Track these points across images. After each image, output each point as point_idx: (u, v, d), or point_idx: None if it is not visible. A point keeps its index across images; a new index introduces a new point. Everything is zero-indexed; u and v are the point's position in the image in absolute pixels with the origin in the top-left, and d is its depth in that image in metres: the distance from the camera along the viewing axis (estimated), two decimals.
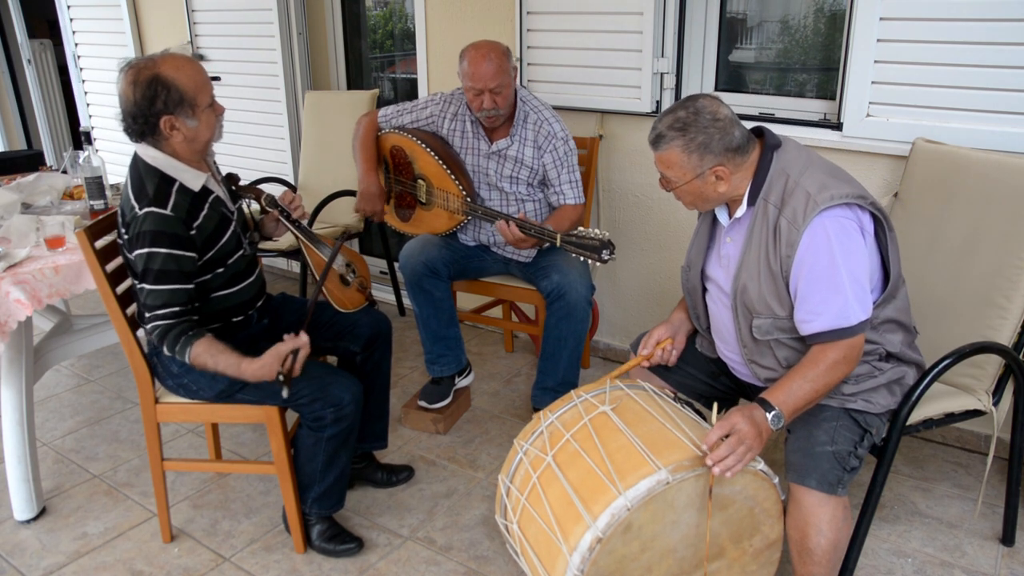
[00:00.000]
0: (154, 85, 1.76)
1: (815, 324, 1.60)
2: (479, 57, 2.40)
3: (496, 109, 2.44)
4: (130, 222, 1.81)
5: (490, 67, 2.38)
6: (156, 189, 1.80)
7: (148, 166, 1.83)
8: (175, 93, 1.78)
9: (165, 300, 1.80)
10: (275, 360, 1.82)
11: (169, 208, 1.79)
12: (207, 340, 1.82)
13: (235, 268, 1.98)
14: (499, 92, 2.42)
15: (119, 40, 4.59)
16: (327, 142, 3.67)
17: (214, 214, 1.90)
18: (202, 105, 1.83)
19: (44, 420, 2.87)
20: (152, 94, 1.76)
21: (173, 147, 1.84)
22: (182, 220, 1.81)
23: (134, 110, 1.79)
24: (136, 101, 1.78)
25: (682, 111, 1.63)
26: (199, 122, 1.83)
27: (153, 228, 1.77)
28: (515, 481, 1.73)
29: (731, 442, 1.50)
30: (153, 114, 1.78)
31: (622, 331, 3.28)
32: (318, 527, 2.13)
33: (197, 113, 1.82)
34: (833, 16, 2.70)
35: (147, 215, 1.78)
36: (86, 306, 3.81)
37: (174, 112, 1.79)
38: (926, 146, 2.25)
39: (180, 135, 1.82)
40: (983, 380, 1.99)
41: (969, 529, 2.19)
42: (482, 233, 2.69)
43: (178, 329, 1.81)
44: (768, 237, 1.64)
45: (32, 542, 2.22)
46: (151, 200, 1.79)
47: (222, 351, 1.82)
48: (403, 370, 3.22)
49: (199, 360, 1.81)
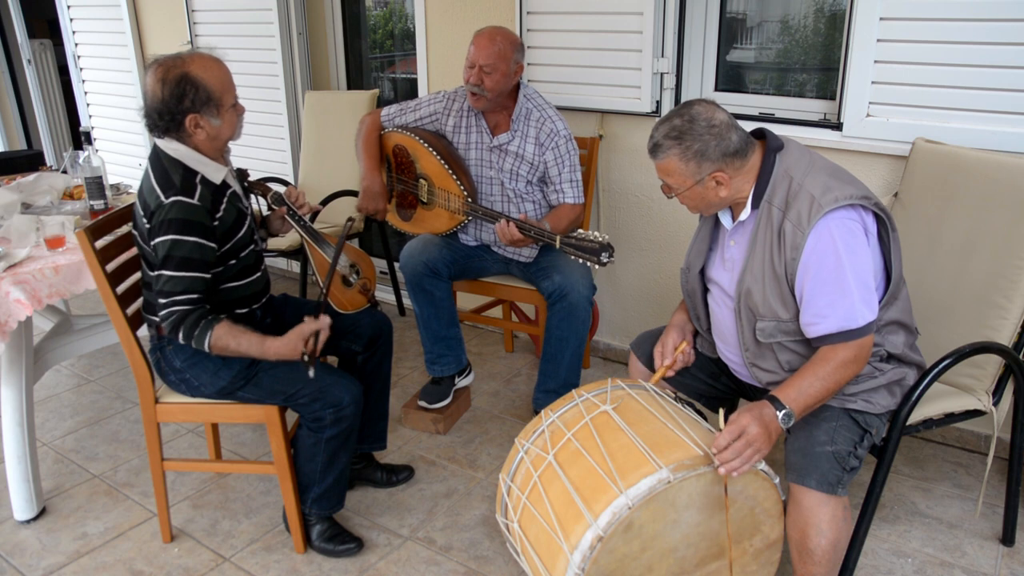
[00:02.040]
0: (183, 84, 1.78)
1: (822, 326, 1.60)
2: (485, 36, 2.44)
3: (480, 88, 2.44)
4: (155, 211, 1.81)
5: (490, 46, 2.41)
6: (182, 179, 1.82)
7: (171, 158, 1.85)
8: (203, 92, 1.80)
9: (185, 287, 1.82)
10: (299, 339, 1.88)
11: (196, 198, 1.81)
12: (227, 323, 1.85)
13: (246, 261, 2.00)
14: (488, 72, 2.42)
15: (119, 40, 4.59)
16: (327, 142, 3.67)
17: (232, 208, 1.92)
18: (227, 105, 1.86)
19: (44, 420, 2.87)
20: (180, 92, 1.79)
21: (196, 143, 1.87)
22: (207, 210, 1.83)
23: (161, 107, 1.81)
24: (164, 99, 1.79)
25: (677, 119, 1.63)
26: (222, 121, 1.86)
27: (181, 216, 1.79)
28: (516, 480, 1.74)
29: (738, 446, 1.50)
30: (180, 112, 1.81)
31: (622, 331, 3.28)
32: (318, 527, 2.13)
33: (221, 113, 1.85)
34: (833, 16, 2.71)
35: (174, 204, 1.79)
36: (86, 306, 3.81)
37: (200, 111, 1.82)
38: (926, 146, 2.25)
39: (204, 133, 1.84)
40: (983, 380, 2.00)
41: (969, 529, 2.19)
42: (483, 233, 2.69)
43: (196, 315, 1.83)
44: (772, 240, 1.64)
45: (32, 542, 2.22)
46: (179, 190, 1.80)
47: (243, 331, 1.86)
48: (403, 370, 3.22)
49: (221, 342, 1.83)
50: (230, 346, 1.85)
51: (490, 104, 2.51)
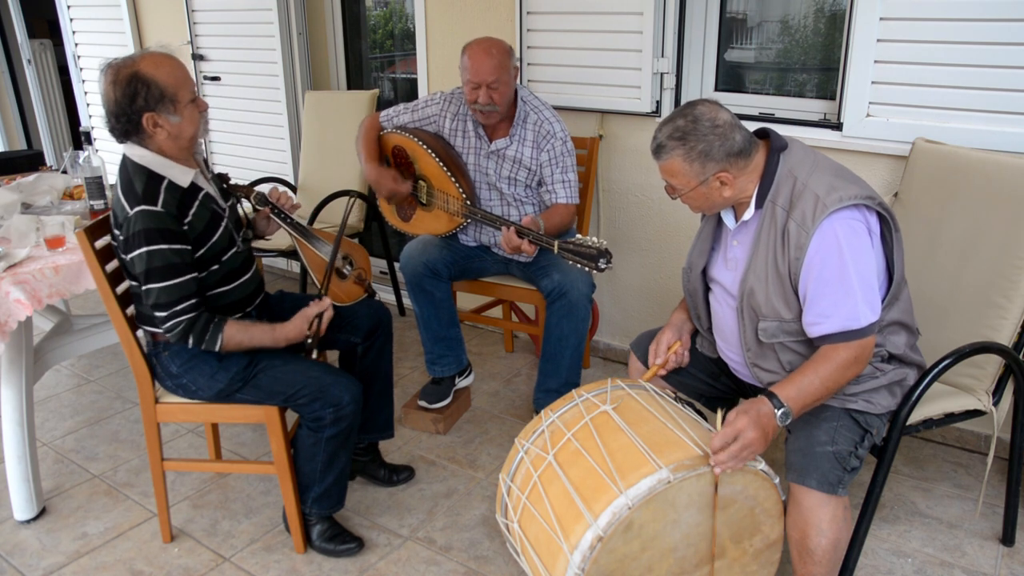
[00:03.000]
0: (134, 83, 1.77)
1: (824, 326, 1.60)
2: (481, 52, 2.41)
3: (491, 105, 2.44)
4: (123, 223, 1.82)
5: (490, 62, 2.39)
6: (144, 187, 1.81)
7: (136, 165, 1.84)
8: (155, 89, 1.79)
9: (180, 294, 1.82)
10: (303, 321, 1.97)
11: (159, 204, 1.80)
12: (234, 320, 1.88)
13: (230, 265, 1.99)
14: (496, 88, 2.42)
15: (119, 40, 4.59)
16: (327, 142, 3.67)
17: (204, 211, 1.91)
18: (183, 101, 1.83)
19: (44, 420, 2.87)
20: (132, 92, 1.78)
21: (159, 144, 1.85)
22: (173, 215, 1.82)
23: (116, 109, 1.80)
24: (117, 100, 1.79)
25: (681, 120, 1.63)
26: (182, 118, 1.84)
27: (146, 226, 1.78)
28: (516, 480, 1.74)
29: (734, 449, 1.49)
30: (135, 112, 1.79)
31: (622, 331, 3.28)
32: (318, 527, 2.13)
33: (179, 109, 1.83)
34: (833, 16, 2.71)
35: (138, 214, 1.79)
36: (86, 306, 3.81)
37: (155, 109, 1.80)
38: (926, 146, 2.25)
39: (164, 132, 1.83)
40: (983, 380, 1.99)
41: (969, 529, 2.19)
42: (483, 234, 2.69)
43: (202, 321, 1.84)
44: (776, 240, 1.64)
45: (32, 542, 2.21)
46: (140, 198, 1.80)
47: (251, 325, 1.92)
48: (403, 370, 3.22)
49: (234, 340, 1.87)
50: (243, 342, 1.89)
51: (500, 116, 2.51)
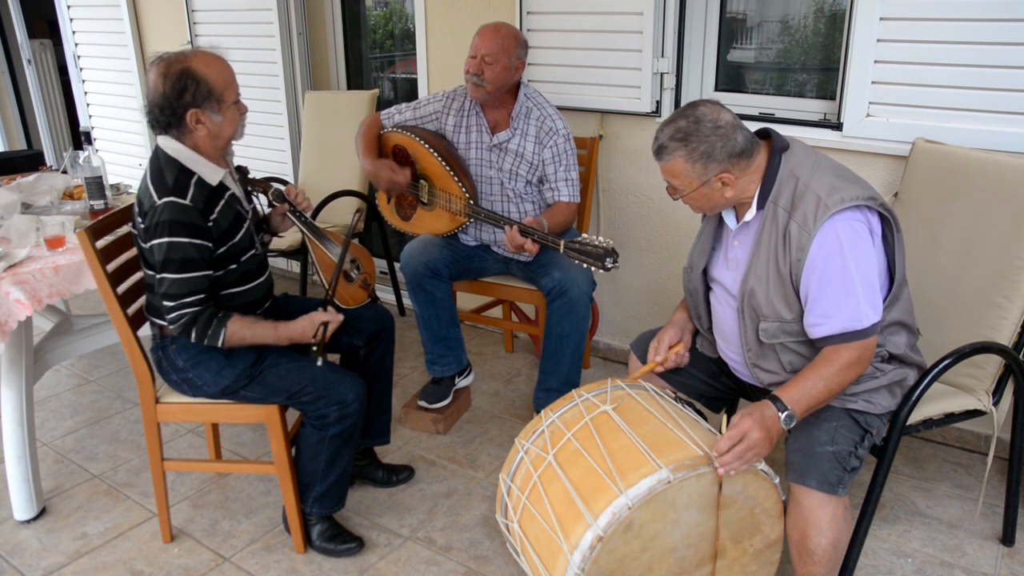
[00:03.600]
0: (184, 78, 1.80)
1: (826, 327, 1.60)
2: (490, 28, 2.47)
3: (481, 78, 2.46)
4: (148, 211, 1.83)
5: (494, 38, 2.44)
6: (175, 180, 1.83)
7: (168, 157, 1.85)
8: (204, 87, 1.81)
9: (191, 288, 1.83)
10: (310, 325, 1.96)
11: (188, 199, 1.82)
12: (238, 316, 1.89)
13: (247, 266, 2.00)
14: (490, 63, 2.44)
15: (119, 40, 4.59)
16: (327, 142, 3.67)
17: (229, 210, 1.92)
18: (228, 101, 1.87)
19: (44, 420, 2.87)
20: (182, 87, 1.80)
21: (196, 141, 1.87)
22: (199, 211, 1.84)
23: (162, 101, 1.82)
24: (165, 93, 1.81)
25: (683, 120, 1.63)
26: (224, 118, 1.87)
27: (171, 218, 1.80)
28: (516, 480, 1.74)
29: (739, 450, 1.50)
30: (181, 106, 1.82)
31: (622, 331, 3.28)
32: (318, 527, 2.13)
33: (223, 109, 1.86)
34: (833, 16, 2.71)
35: (166, 205, 1.80)
36: (86, 306, 3.81)
37: (201, 106, 1.83)
38: (926, 146, 2.25)
39: (204, 129, 1.85)
40: (983, 380, 2.00)
41: (969, 529, 2.19)
42: (483, 233, 2.69)
43: (206, 315, 1.85)
44: (778, 241, 1.64)
45: (32, 542, 2.21)
46: (170, 190, 1.81)
47: (255, 321, 1.92)
48: (403, 370, 3.22)
49: (236, 336, 1.87)
50: (246, 338, 1.89)
51: (488, 96, 2.51)
